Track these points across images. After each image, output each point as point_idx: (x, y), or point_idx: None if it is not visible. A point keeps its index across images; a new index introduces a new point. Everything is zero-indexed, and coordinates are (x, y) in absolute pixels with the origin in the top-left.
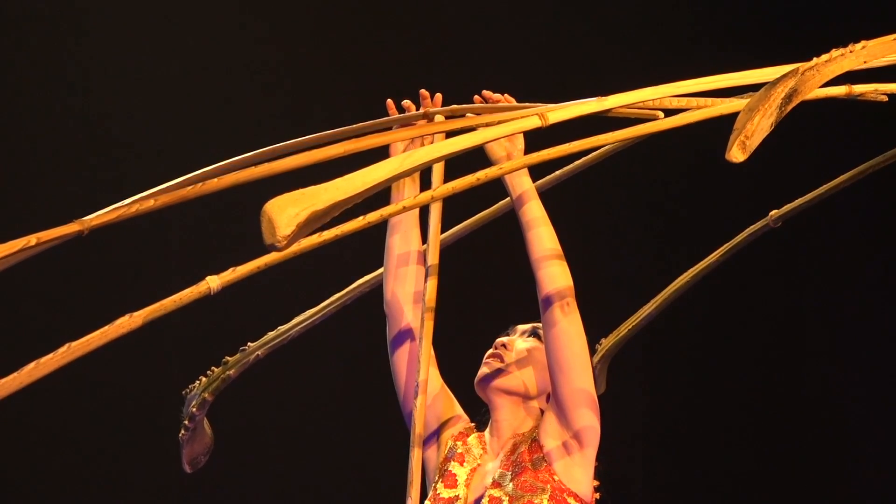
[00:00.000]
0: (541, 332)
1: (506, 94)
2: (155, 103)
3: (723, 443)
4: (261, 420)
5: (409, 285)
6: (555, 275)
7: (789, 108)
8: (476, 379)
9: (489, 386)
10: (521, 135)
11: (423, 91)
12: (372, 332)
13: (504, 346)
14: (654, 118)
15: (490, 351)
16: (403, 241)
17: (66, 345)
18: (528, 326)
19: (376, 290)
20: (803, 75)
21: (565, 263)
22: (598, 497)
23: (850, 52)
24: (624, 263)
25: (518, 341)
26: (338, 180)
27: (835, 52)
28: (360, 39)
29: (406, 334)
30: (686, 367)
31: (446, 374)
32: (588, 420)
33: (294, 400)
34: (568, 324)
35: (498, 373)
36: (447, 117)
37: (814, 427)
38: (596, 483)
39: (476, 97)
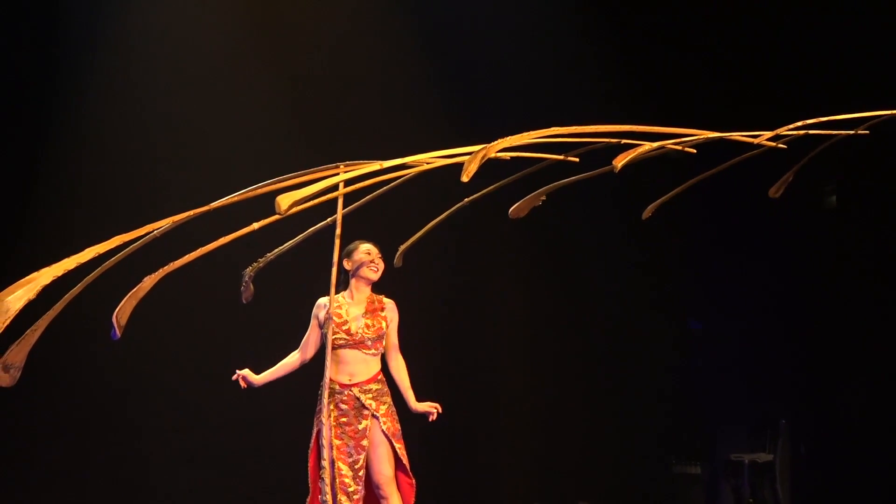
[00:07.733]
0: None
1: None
2: (214, 156)
3: (493, 298)
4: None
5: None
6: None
7: (482, 161)
8: (368, 276)
9: (375, 280)
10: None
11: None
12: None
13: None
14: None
15: (376, 260)
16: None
17: (200, 249)
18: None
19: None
20: (487, 149)
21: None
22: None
23: (506, 139)
24: (420, 217)
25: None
26: (305, 188)
27: (500, 140)
28: (313, 130)
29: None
30: (463, 265)
31: None
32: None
33: (269, 297)
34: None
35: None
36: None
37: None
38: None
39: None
